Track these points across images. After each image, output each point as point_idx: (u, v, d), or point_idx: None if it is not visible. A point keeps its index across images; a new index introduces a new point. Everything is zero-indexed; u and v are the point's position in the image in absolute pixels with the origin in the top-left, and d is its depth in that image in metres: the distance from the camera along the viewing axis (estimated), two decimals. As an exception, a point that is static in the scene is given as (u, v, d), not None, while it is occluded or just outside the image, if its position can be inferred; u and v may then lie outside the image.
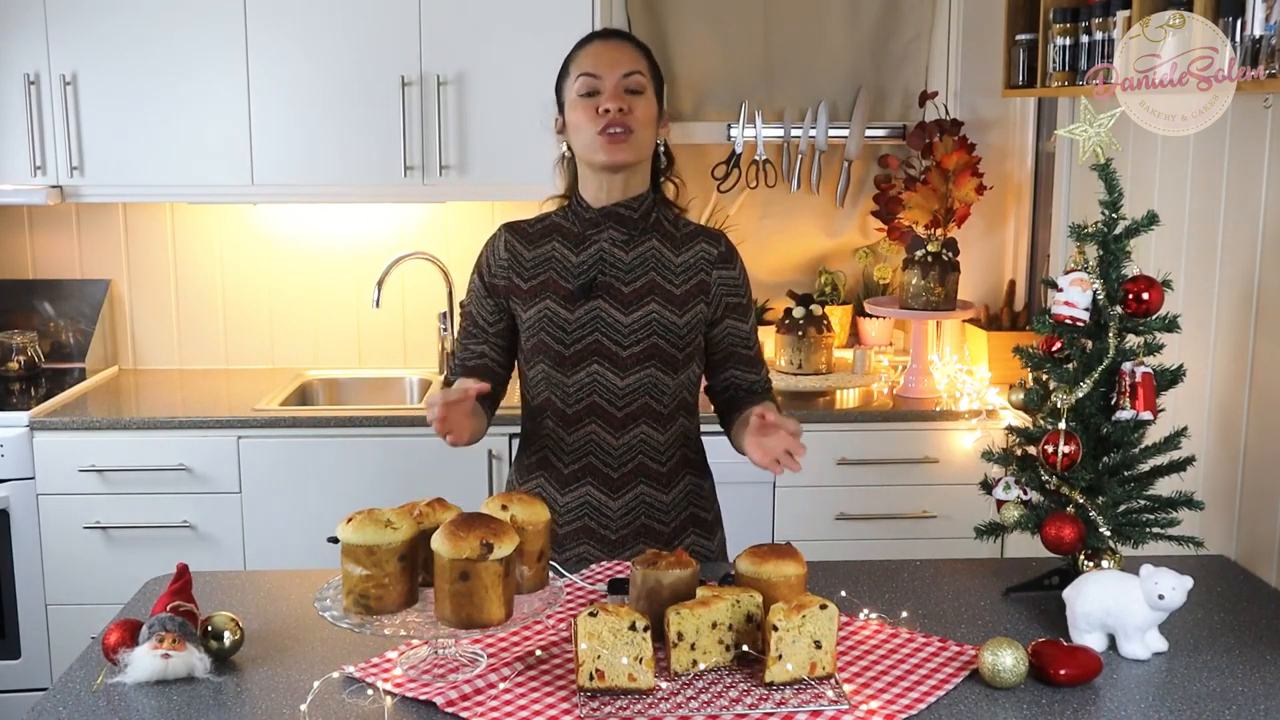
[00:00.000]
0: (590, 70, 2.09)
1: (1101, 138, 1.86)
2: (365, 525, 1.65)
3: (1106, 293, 1.85)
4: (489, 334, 2.21)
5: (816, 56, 3.90)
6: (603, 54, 2.11)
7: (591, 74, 2.09)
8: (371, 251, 3.83)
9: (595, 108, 2.07)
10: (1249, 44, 2.01)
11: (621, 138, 2.07)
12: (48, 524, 3.27)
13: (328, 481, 3.29)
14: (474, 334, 2.22)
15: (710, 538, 2.28)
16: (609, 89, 2.07)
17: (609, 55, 2.10)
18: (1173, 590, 1.71)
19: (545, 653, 1.74)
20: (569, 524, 2.19)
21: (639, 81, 2.09)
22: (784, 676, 1.60)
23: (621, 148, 2.08)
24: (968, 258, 3.74)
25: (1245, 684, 1.68)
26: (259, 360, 3.93)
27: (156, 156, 3.48)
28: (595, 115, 2.07)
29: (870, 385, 3.58)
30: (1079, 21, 2.72)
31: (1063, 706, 1.60)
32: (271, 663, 1.73)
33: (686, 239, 2.19)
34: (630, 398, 2.15)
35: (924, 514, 3.36)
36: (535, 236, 2.21)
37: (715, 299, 2.18)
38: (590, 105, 2.08)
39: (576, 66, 2.12)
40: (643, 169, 2.16)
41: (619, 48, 2.13)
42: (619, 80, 2.08)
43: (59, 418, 3.27)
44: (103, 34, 3.42)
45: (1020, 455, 1.99)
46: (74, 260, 3.86)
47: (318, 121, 3.47)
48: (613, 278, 2.15)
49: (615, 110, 2.06)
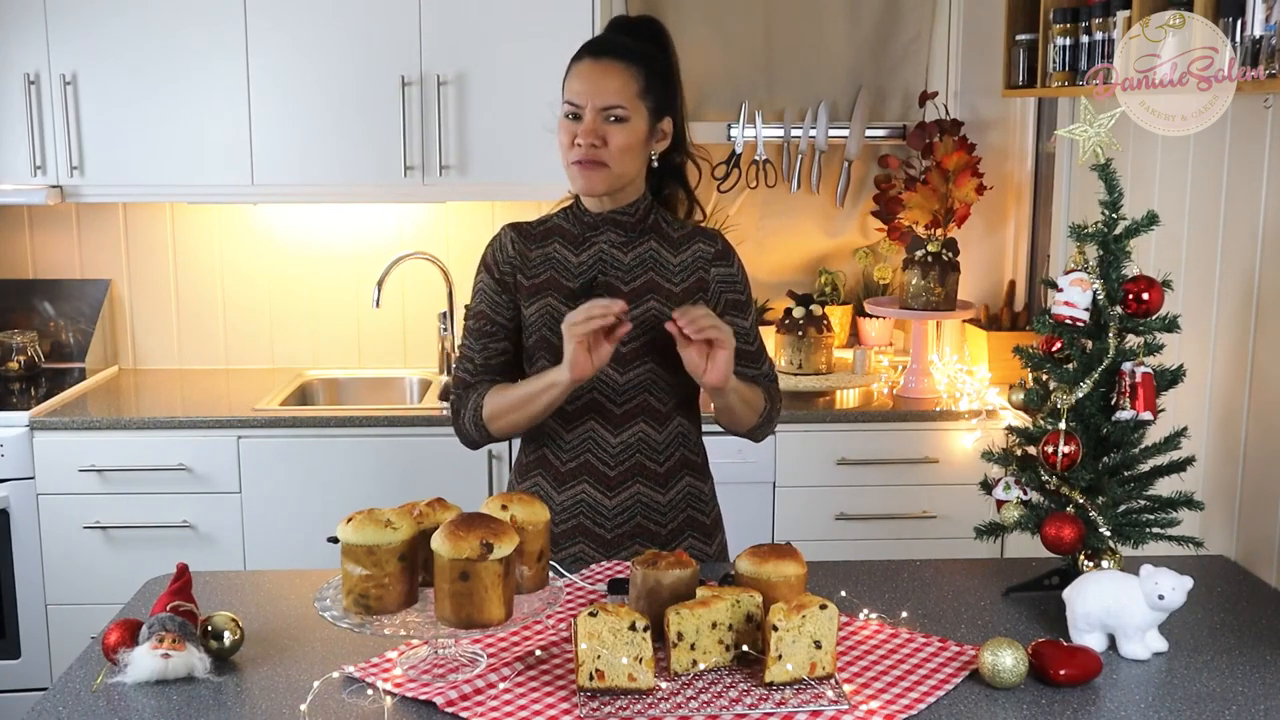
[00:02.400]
0: (572, 98, 2.11)
1: (1101, 138, 1.86)
2: (365, 525, 1.65)
3: (1106, 293, 1.85)
4: (508, 329, 2.21)
5: (816, 56, 3.90)
6: (588, 79, 2.11)
7: (572, 102, 2.11)
8: (371, 251, 3.83)
9: (573, 134, 2.09)
10: (1249, 44, 2.01)
11: (590, 169, 2.09)
12: (48, 524, 3.27)
13: (328, 481, 3.29)
14: (492, 333, 2.21)
15: (709, 542, 2.27)
16: (586, 121, 2.09)
17: (593, 82, 2.10)
18: (1173, 590, 1.71)
19: (545, 653, 1.74)
20: (565, 522, 2.19)
21: (620, 113, 2.09)
22: (784, 676, 1.60)
23: (593, 180, 2.10)
24: (968, 258, 3.74)
25: (1245, 684, 1.68)
26: (259, 360, 3.93)
27: (156, 156, 3.48)
28: (572, 144, 2.10)
29: (870, 385, 3.58)
30: (1079, 21, 2.72)
31: (1063, 706, 1.60)
32: (271, 663, 1.73)
33: (684, 240, 2.20)
34: (629, 394, 2.15)
35: (924, 514, 3.36)
36: (538, 237, 2.22)
37: (715, 296, 2.19)
38: (570, 130, 2.10)
39: (566, 86, 2.14)
40: (632, 183, 2.17)
41: (607, 72, 2.11)
42: (597, 112, 2.08)
43: (59, 418, 3.27)
44: (103, 34, 3.42)
45: (1020, 455, 1.98)
46: (74, 260, 3.86)
47: (318, 121, 3.48)
48: (613, 277, 2.16)
49: (588, 145, 2.08)
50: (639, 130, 2.12)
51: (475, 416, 2.17)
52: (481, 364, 2.22)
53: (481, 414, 2.16)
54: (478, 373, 2.21)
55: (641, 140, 2.13)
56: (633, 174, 2.15)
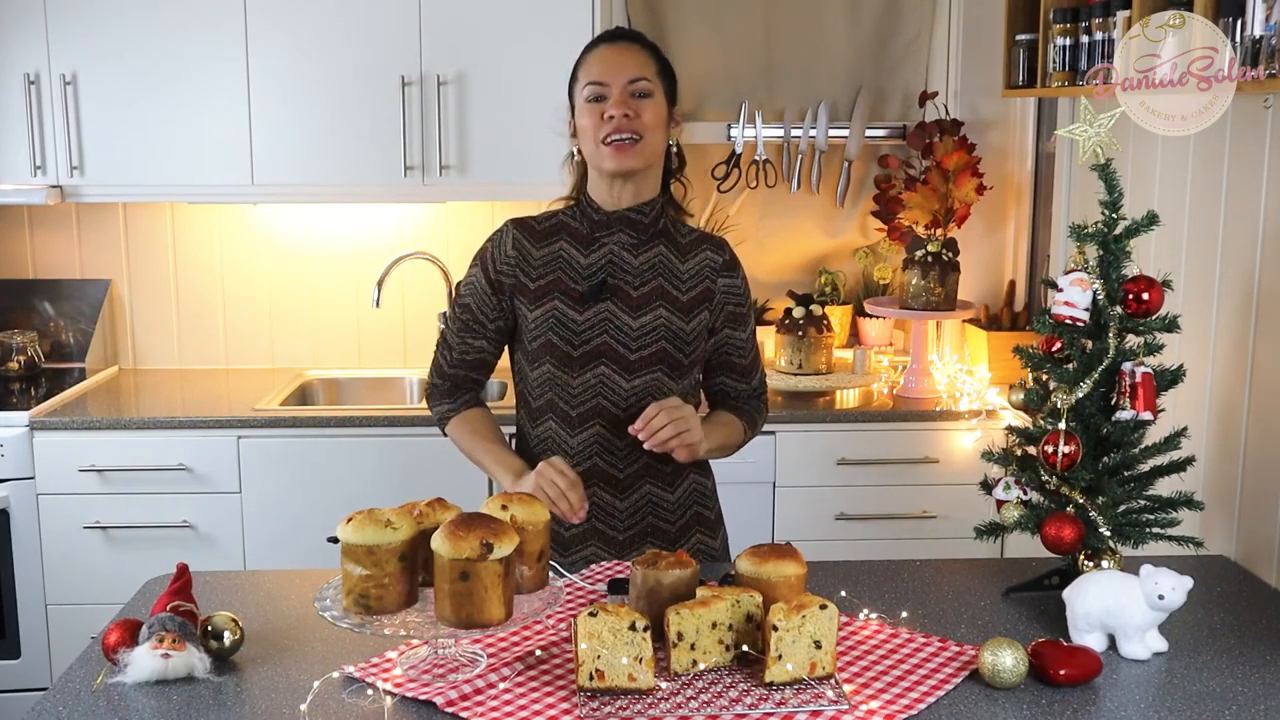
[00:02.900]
0: (596, 78, 2.10)
1: (1101, 138, 1.86)
2: (365, 525, 1.65)
3: (1106, 293, 1.85)
4: (488, 330, 2.22)
5: (816, 56, 3.90)
6: (609, 59, 2.11)
7: (598, 81, 2.10)
8: (371, 251, 3.83)
9: (602, 114, 2.08)
10: (1249, 44, 2.01)
11: (627, 145, 2.08)
12: (48, 524, 3.27)
13: (328, 481, 3.29)
14: (473, 329, 2.22)
15: (714, 536, 2.29)
16: (615, 95, 2.08)
17: (615, 60, 2.11)
18: (1173, 590, 1.71)
19: (545, 653, 1.74)
20: (576, 525, 2.18)
21: (646, 86, 2.10)
22: (784, 676, 1.60)
23: (628, 155, 2.08)
24: (968, 258, 3.74)
25: (1245, 684, 1.68)
26: (259, 360, 3.93)
27: (156, 156, 3.48)
28: (601, 121, 2.08)
29: (870, 385, 3.58)
30: (1079, 21, 2.72)
31: (1063, 706, 1.60)
32: (271, 663, 1.73)
33: (691, 245, 2.20)
34: (635, 400, 2.15)
35: (924, 514, 3.36)
36: (543, 235, 2.21)
37: (718, 307, 2.19)
38: (597, 111, 2.09)
39: (584, 72, 2.13)
40: (653, 173, 2.16)
41: (626, 51, 2.12)
42: (624, 86, 2.08)
43: (59, 418, 3.27)
44: (103, 34, 3.42)
45: (1020, 455, 1.98)
46: (74, 260, 3.86)
47: (318, 121, 3.48)
48: (622, 281, 2.15)
49: (620, 117, 2.06)
50: (662, 108, 2.13)
51: (441, 423, 2.28)
52: (458, 358, 2.25)
53: (444, 427, 2.27)
54: (454, 365, 2.25)
55: (664, 120, 2.14)
56: (659, 154, 2.15)
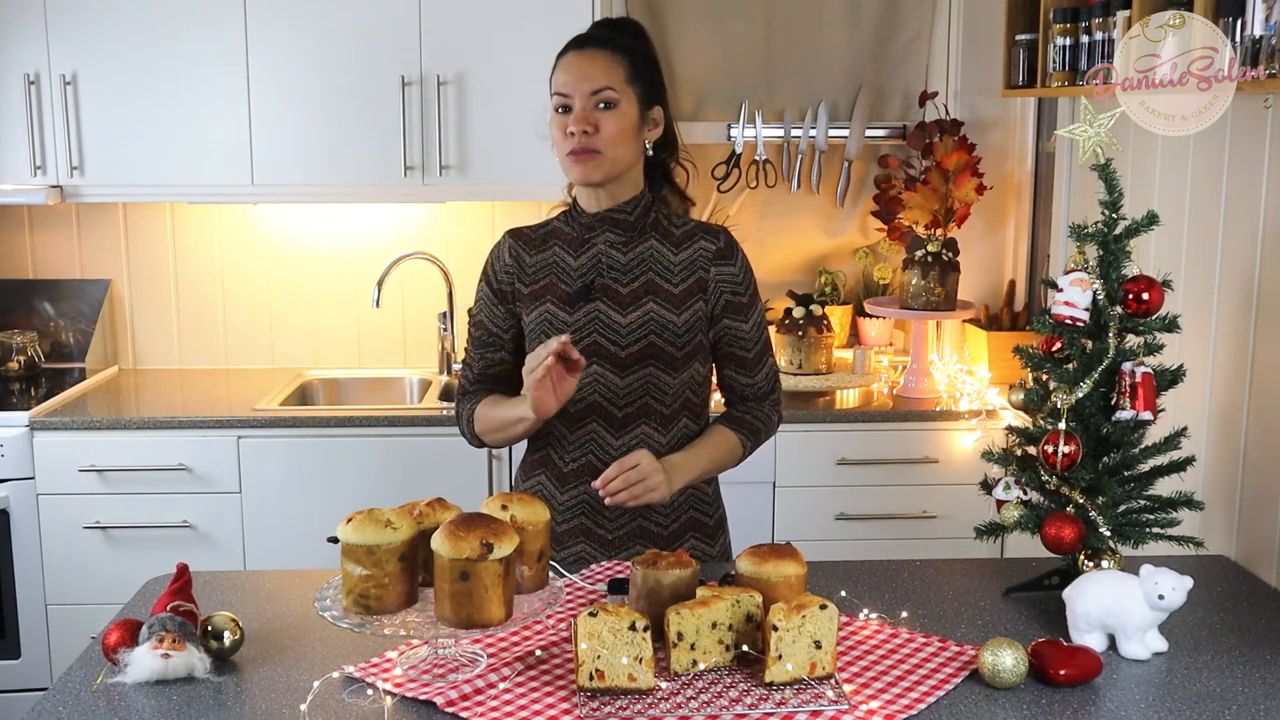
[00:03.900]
0: (560, 89, 2.11)
1: (1101, 138, 1.86)
2: (365, 525, 1.65)
3: (1106, 293, 1.85)
4: (505, 340, 2.24)
5: (816, 56, 3.90)
6: (574, 68, 2.11)
7: (561, 92, 2.10)
8: (371, 251, 3.83)
9: (565, 126, 2.09)
10: (1249, 44, 2.01)
11: (586, 158, 2.08)
12: (48, 524, 3.27)
13: (328, 481, 3.29)
14: (490, 342, 2.24)
15: (712, 543, 2.27)
16: (576, 109, 2.08)
17: (580, 70, 2.10)
18: (1173, 590, 1.71)
19: (545, 653, 1.74)
20: (567, 522, 2.19)
21: (610, 95, 2.08)
22: (784, 676, 1.60)
23: (588, 168, 2.09)
24: (968, 258, 3.74)
25: (1245, 684, 1.68)
26: (259, 360, 3.93)
27: (156, 156, 3.48)
28: (564, 135, 2.09)
29: (870, 385, 3.58)
30: (1079, 21, 2.72)
31: (1063, 706, 1.60)
32: (271, 663, 1.73)
33: (686, 237, 2.19)
34: (630, 398, 2.15)
35: (924, 514, 3.36)
36: (537, 242, 2.22)
37: (714, 296, 2.18)
38: (562, 123, 2.10)
39: (554, 81, 2.13)
40: (628, 175, 2.16)
41: (592, 60, 2.11)
42: (587, 98, 2.08)
43: (59, 418, 3.27)
44: (103, 34, 3.42)
45: (1020, 455, 1.98)
46: (74, 260, 3.86)
47: (318, 121, 3.48)
48: (611, 279, 2.16)
49: (579, 133, 2.07)
50: (630, 116, 2.11)
51: (470, 427, 2.24)
52: (479, 373, 2.26)
53: (474, 426, 2.23)
54: (476, 381, 2.26)
55: (633, 127, 2.12)
56: (628, 162, 2.14)
